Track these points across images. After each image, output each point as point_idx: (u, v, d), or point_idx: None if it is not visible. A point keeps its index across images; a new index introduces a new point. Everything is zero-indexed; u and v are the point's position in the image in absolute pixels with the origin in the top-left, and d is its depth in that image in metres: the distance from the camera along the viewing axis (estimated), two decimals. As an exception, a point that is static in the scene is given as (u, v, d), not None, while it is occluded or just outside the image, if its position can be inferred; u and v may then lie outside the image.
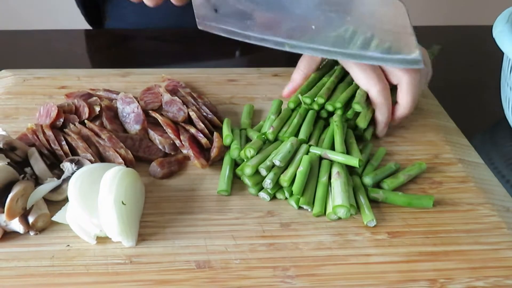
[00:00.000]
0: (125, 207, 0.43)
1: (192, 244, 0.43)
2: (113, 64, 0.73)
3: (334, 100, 0.56)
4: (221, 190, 0.49)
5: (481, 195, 0.50)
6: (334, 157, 0.50)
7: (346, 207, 0.45)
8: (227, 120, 0.57)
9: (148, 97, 0.61)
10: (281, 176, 0.48)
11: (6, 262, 0.41)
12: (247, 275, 0.41)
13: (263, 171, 0.48)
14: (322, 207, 0.47)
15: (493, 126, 0.65)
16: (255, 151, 0.50)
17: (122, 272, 0.40)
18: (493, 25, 0.58)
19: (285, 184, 0.48)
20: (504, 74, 0.61)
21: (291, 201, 0.48)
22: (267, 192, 0.48)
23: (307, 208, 0.47)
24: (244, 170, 0.49)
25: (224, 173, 0.50)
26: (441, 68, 0.78)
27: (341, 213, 0.46)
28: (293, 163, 0.49)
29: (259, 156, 0.50)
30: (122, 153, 0.51)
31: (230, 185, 0.49)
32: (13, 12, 1.59)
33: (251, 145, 0.51)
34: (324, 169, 0.50)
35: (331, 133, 0.54)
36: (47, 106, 0.55)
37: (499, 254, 0.44)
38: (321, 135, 0.55)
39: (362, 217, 0.46)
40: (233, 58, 0.81)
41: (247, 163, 0.49)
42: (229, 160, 0.52)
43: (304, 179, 0.47)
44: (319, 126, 0.56)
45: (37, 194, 0.45)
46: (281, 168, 0.49)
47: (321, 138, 0.54)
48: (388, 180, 0.50)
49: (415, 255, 0.43)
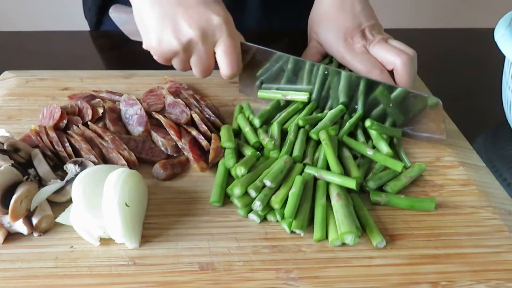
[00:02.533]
0: (129, 209, 0.43)
1: (195, 246, 0.43)
2: (116, 65, 0.73)
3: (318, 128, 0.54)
4: (213, 202, 0.47)
5: (483, 198, 0.50)
6: (330, 179, 0.48)
7: (353, 233, 0.43)
8: (227, 127, 0.55)
9: (150, 99, 0.61)
10: (272, 198, 0.46)
11: (10, 263, 0.41)
12: (250, 277, 0.41)
13: (252, 193, 0.46)
14: (323, 231, 0.44)
15: (495, 129, 0.65)
16: (246, 170, 0.48)
17: (125, 273, 0.41)
18: (495, 29, 0.59)
19: (276, 206, 0.45)
20: (506, 77, 0.61)
21: (283, 225, 0.45)
22: (257, 214, 0.46)
23: (300, 233, 0.45)
24: (233, 190, 0.46)
25: (217, 183, 0.49)
26: (442, 71, 0.78)
27: (349, 240, 0.43)
28: (286, 183, 0.47)
29: (250, 175, 0.48)
30: (125, 154, 0.51)
31: (222, 195, 0.48)
32: (14, 13, 1.59)
33: (242, 163, 0.49)
34: (321, 190, 0.47)
35: (324, 152, 0.51)
36: (51, 107, 0.56)
37: (501, 257, 0.44)
38: (316, 152, 0.53)
39: (370, 239, 0.44)
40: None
41: (236, 183, 0.47)
42: (223, 169, 0.51)
43: (297, 201, 0.45)
44: (312, 143, 0.54)
45: (41, 196, 0.45)
46: (273, 189, 0.46)
47: (317, 154, 0.52)
48: (391, 183, 0.50)
49: (417, 257, 0.43)
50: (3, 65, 0.72)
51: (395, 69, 0.60)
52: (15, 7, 1.60)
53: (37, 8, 1.59)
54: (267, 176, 0.47)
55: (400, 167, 0.51)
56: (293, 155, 0.51)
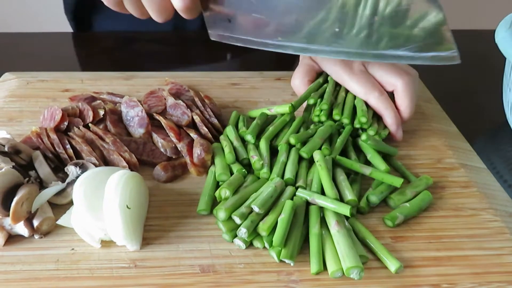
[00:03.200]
0: (130, 211, 0.43)
1: (196, 248, 0.43)
2: (116, 67, 0.73)
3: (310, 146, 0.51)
4: (201, 210, 0.46)
5: (484, 200, 0.50)
6: (323, 204, 0.45)
7: (359, 267, 0.40)
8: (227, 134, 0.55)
9: (151, 100, 0.61)
10: (260, 224, 0.43)
11: (11, 266, 0.41)
12: (251, 279, 0.41)
13: (237, 220, 0.43)
14: (320, 263, 0.41)
15: (495, 130, 0.65)
16: (231, 193, 0.46)
17: (126, 276, 0.41)
18: (496, 31, 0.59)
19: (264, 233, 0.42)
20: (506, 79, 0.61)
21: (272, 253, 0.42)
22: (243, 240, 0.43)
23: (289, 263, 0.42)
24: (217, 213, 0.44)
25: (206, 192, 0.48)
26: (443, 73, 0.78)
27: (355, 274, 0.40)
28: (275, 208, 0.44)
29: (236, 197, 0.45)
30: (126, 156, 0.51)
31: (210, 204, 0.47)
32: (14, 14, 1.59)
33: (228, 185, 0.46)
34: (314, 216, 0.44)
35: (318, 173, 0.49)
36: (51, 109, 0.56)
37: (502, 259, 0.44)
38: (309, 172, 0.50)
39: (387, 266, 0.42)
40: (236, 61, 0.82)
41: (221, 206, 0.44)
42: (213, 177, 0.50)
43: (287, 228, 0.42)
44: (305, 163, 0.51)
45: (42, 198, 0.45)
46: (260, 215, 0.44)
47: (311, 176, 0.49)
48: (395, 197, 0.48)
49: (418, 260, 0.43)
50: (3, 66, 0.72)
51: (396, 91, 0.57)
52: (15, 8, 1.60)
53: (37, 9, 1.59)
54: (255, 201, 0.44)
55: (399, 182, 0.48)
56: (285, 177, 0.48)
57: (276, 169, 0.49)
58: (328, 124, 0.55)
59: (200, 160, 0.52)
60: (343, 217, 0.45)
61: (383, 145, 0.54)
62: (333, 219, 0.44)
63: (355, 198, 0.46)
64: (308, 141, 0.52)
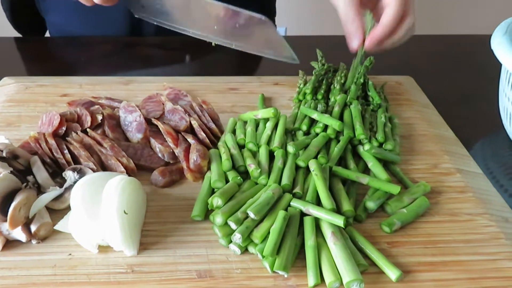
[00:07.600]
0: (127, 216, 0.43)
1: (194, 253, 0.44)
2: (115, 71, 0.74)
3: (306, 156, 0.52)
4: (195, 216, 0.46)
5: (480, 205, 0.50)
6: (318, 214, 0.45)
7: (359, 280, 0.40)
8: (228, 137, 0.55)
9: (149, 105, 0.61)
10: (253, 231, 0.43)
11: (9, 271, 0.41)
12: (248, 284, 0.41)
13: (232, 225, 0.43)
14: (317, 276, 0.41)
15: (491, 136, 0.66)
16: (223, 202, 0.46)
17: (124, 281, 0.41)
18: (491, 37, 0.59)
19: (257, 241, 0.42)
20: (502, 85, 0.62)
21: (265, 263, 0.42)
22: (238, 246, 0.43)
23: (283, 274, 0.41)
24: (214, 218, 0.45)
25: (200, 198, 0.48)
26: (440, 78, 0.79)
27: (355, 286, 0.40)
28: (270, 215, 0.44)
29: (232, 203, 0.45)
30: (124, 162, 0.51)
31: (204, 210, 0.47)
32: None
33: (220, 194, 0.46)
34: (309, 228, 0.44)
35: (314, 182, 0.48)
36: (50, 114, 0.56)
37: (497, 264, 0.44)
38: (306, 179, 0.50)
39: (387, 274, 0.42)
40: (234, 66, 0.82)
41: (217, 212, 0.44)
42: (208, 184, 0.50)
43: (278, 238, 0.42)
44: (302, 170, 0.51)
45: (40, 203, 0.45)
46: (256, 221, 0.44)
47: (307, 183, 0.49)
48: (392, 203, 0.49)
49: (414, 265, 0.43)
50: (2, 71, 0.72)
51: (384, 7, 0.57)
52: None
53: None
54: (251, 208, 0.44)
55: (397, 190, 0.48)
56: (282, 183, 0.48)
57: (273, 176, 0.49)
58: (322, 135, 0.55)
59: (196, 166, 0.52)
60: (339, 227, 0.45)
61: (386, 153, 0.54)
62: (328, 230, 0.43)
63: (351, 208, 0.46)
64: None
